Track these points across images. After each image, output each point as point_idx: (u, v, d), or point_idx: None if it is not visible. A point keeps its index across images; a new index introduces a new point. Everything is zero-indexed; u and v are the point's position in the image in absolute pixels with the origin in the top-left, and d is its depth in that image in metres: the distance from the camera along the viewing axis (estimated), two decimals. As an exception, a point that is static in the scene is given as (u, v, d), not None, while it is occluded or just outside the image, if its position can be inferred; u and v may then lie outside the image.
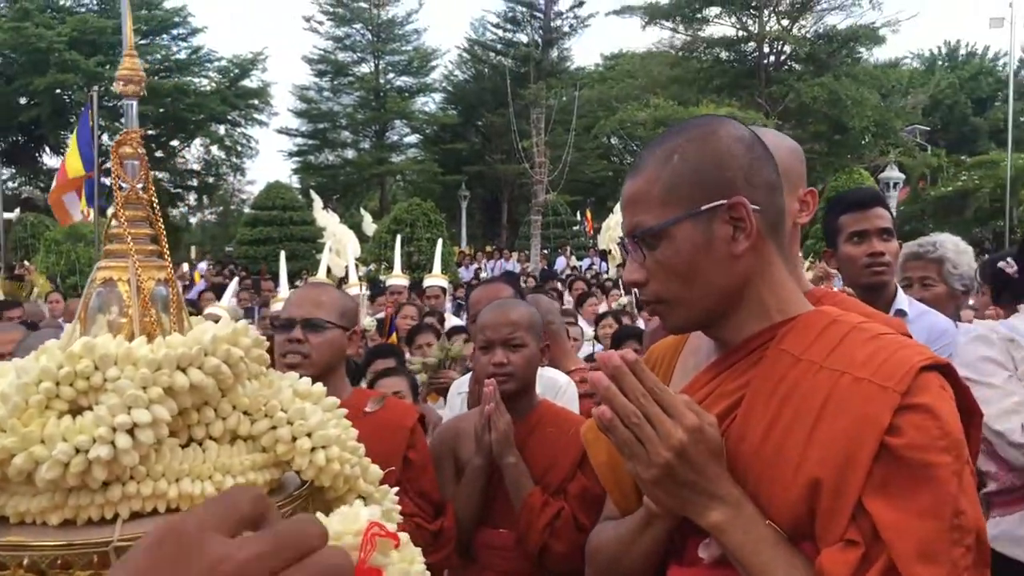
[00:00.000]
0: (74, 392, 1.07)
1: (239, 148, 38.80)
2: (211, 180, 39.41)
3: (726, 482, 1.27)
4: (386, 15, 39.69)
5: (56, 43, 30.65)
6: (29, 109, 32.39)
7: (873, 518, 1.15)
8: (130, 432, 1.05)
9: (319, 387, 1.30)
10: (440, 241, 11.82)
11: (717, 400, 1.36)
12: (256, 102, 37.33)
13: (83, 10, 34.13)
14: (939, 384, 1.22)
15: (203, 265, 22.66)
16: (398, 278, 9.13)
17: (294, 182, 36.78)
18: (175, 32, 35.76)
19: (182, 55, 35.97)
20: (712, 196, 1.32)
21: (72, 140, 15.19)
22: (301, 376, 1.33)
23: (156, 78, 33.09)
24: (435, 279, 8.75)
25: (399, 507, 1.36)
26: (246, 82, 37.03)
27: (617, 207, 24.41)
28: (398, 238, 11.77)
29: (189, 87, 34.49)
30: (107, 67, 31.84)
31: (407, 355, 4.94)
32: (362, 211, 27.08)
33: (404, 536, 1.12)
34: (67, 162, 14.46)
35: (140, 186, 1.26)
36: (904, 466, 1.16)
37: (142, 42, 32.42)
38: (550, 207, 26.82)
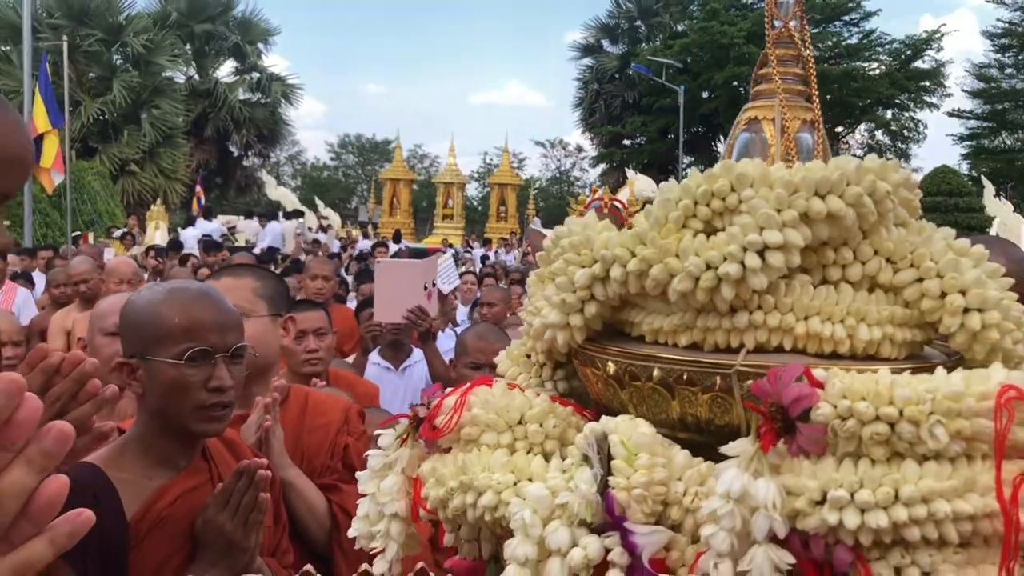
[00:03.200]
0: (709, 212, 1.06)
1: (905, 132, 37.18)
2: (873, 166, 38.45)
3: None
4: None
5: (736, 38, 32.88)
6: (709, 102, 35.35)
7: None
8: (760, 254, 1.00)
9: (979, 248, 1.09)
10: None
11: None
12: (928, 83, 35.32)
13: (762, 5, 35.93)
14: None
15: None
16: None
17: (963, 168, 34.11)
18: (847, 18, 35.61)
19: (853, 40, 35.69)
20: None
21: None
22: None
23: (826, 65, 33.40)
24: None
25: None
26: (918, 63, 35.26)
27: None
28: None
29: (858, 72, 34.10)
30: (779, 57, 33.07)
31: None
32: (1043, 199, 23.96)
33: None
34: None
35: (792, 24, 1.19)
36: None
37: (815, 30, 32.99)
38: None
